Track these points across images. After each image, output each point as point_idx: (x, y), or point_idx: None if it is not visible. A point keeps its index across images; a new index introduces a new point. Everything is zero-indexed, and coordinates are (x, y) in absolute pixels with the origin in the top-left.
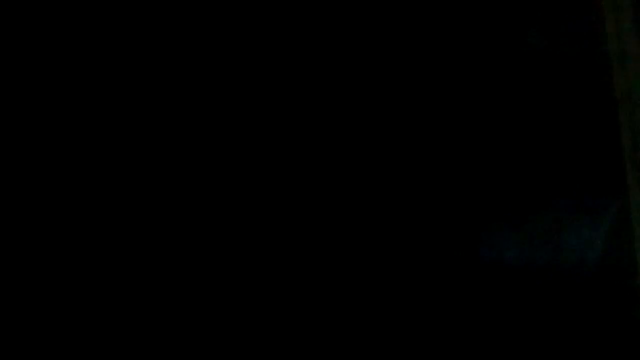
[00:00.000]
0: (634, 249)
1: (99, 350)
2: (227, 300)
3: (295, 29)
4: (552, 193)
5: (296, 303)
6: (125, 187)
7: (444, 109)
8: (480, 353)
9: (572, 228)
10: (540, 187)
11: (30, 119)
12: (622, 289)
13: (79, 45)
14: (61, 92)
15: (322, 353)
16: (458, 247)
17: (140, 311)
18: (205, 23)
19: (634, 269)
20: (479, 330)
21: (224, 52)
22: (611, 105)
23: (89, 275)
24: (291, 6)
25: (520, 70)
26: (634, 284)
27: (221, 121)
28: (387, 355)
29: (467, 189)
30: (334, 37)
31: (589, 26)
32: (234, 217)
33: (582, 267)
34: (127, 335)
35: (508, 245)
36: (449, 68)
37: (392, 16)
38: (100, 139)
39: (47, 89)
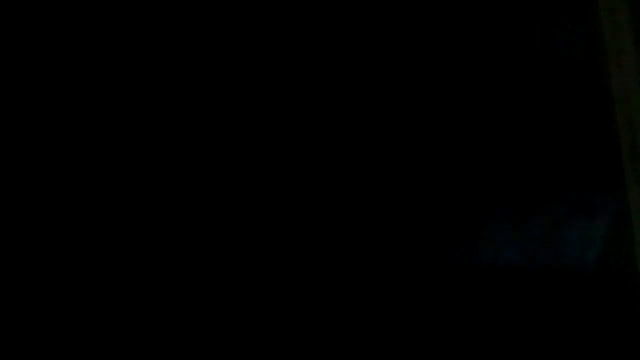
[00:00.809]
0: (634, 247)
1: (99, 350)
2: (226, 300)
3: (295, 29)
4: (550, 191)
5: (287, 301)
6: (125, 187)
7: (440, 108)
8: (478, 353)
9: (570, 226)
10: (537, 186)
11: (30, 119)
12: (622, 288)
13: (79, 45)
14: (61, 92)
15: (315, 353)
16: (455, 247)
17: (140, 311)
18: (205, 23)
19: (634, 267)
20: (476, 331)
21: (224, 52)
22: (608, 103)
23: (89, 275)
24: (291, 6)
25: (515, 70)
26: (634, 283)
27: (221, 121)
28: (383, 356)
29: (463, 188)
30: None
31: (585, 25)
32: (225, 216)
33: (581, 266)
34: (127, 335)
35: (506, 244)
36: (443, 68)
37: (391, 14)
38: (100, 139)
39: (47, 89)
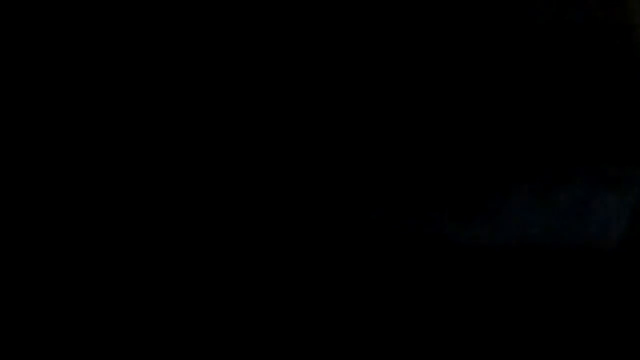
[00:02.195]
0: None
1: (99, 350)
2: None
3: (296, 29)
4: (577, 165)
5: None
6: (125, 187)
7: (463, 80)
8: (500, 326)
9: (597, 201)
10: (564, 160)
11: (30, 119)
12: None
13: (79, 45)
14: (61, 92)
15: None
16: (479, 221)
17: (140, 311)
18: (205, 23)
19: None
20: (499, 305)
21: (224, 52)
22: (636, 77)
23: (89, 276)
24: (292, 6)
25: (545, 41)
26: None
27: (220, 121)
28: (404, 329)
29: (490, 160)
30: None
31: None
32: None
33: (607, 242)
34: (127, 336)
35: (532, 218)
36: (463, 38)
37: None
38: (100, 139)
39: (47, 89)
